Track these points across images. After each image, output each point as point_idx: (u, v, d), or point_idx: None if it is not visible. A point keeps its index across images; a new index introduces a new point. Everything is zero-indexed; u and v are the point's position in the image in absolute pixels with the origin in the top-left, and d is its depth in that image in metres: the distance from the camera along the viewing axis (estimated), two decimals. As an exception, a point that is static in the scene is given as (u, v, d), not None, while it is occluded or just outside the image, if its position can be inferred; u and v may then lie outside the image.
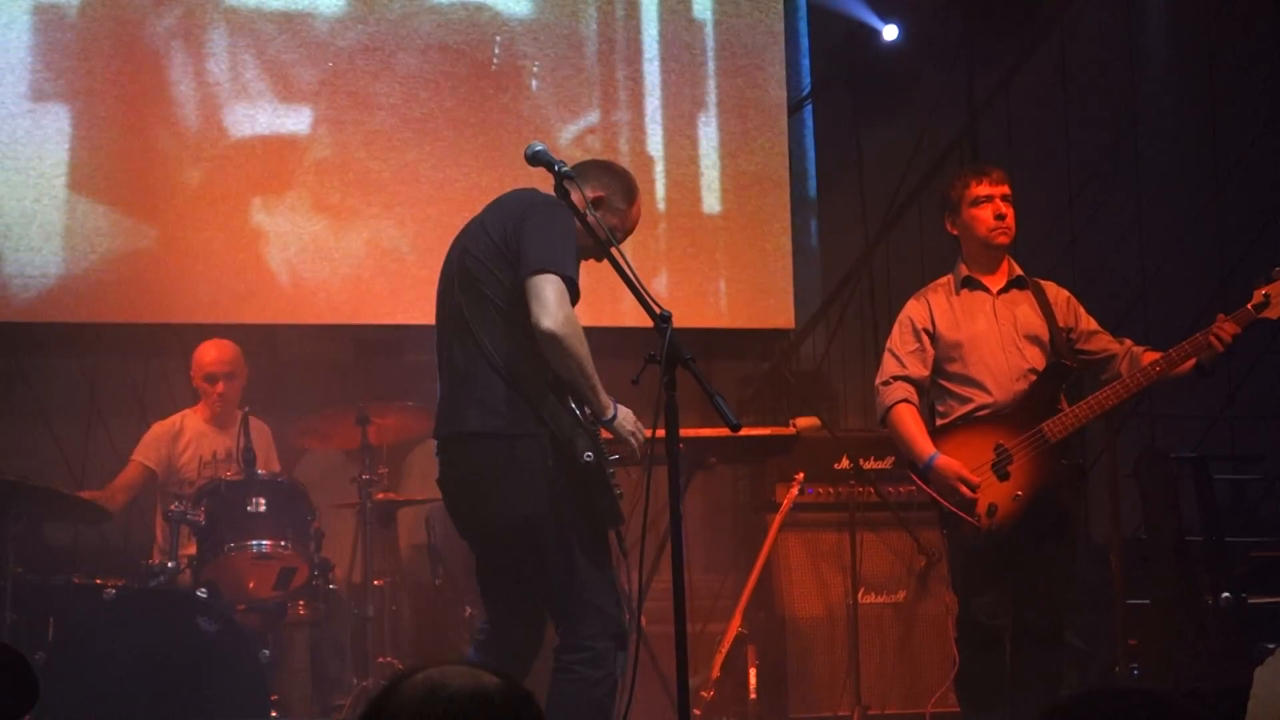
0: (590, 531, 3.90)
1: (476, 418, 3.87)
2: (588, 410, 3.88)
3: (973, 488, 4.44)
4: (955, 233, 4.68)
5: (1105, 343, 4.64)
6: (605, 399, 3.87)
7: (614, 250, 3.69)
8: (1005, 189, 4.62)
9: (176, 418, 5.88)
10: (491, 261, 3.91)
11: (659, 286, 6.62)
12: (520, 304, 3.82)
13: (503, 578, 4.03)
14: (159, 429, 5.84)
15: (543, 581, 3.94)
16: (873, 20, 7.14)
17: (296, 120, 6.38)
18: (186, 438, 5.81)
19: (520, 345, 3.86)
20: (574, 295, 3.84)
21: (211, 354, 5.82)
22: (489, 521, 3.97)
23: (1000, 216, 4.59)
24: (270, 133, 6.32)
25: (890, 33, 7.14)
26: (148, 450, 5.80)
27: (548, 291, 3.76)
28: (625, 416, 3.91)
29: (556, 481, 3.84)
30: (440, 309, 4.08)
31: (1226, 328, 4.34)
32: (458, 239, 4.09)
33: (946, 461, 4.47)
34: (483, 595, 4.13)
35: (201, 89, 6.26)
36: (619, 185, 4.11)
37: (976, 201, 4.60)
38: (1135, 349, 4.57)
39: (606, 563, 3.92)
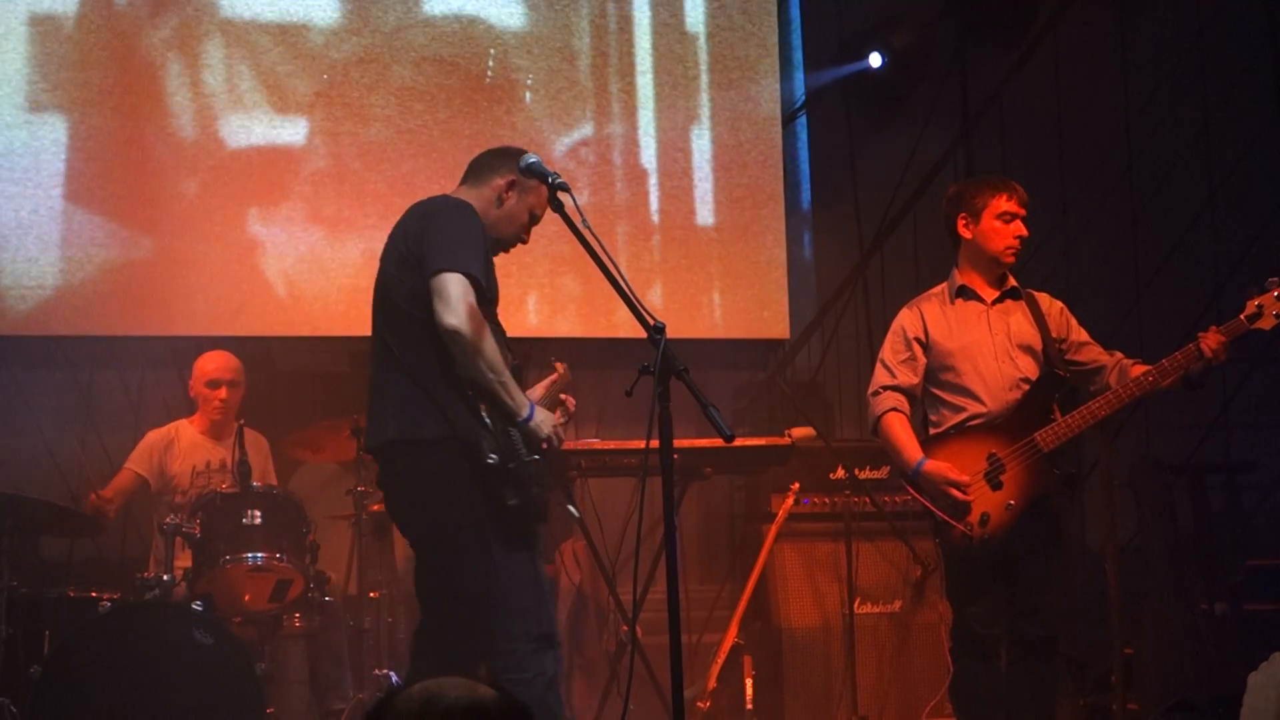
0: (508, 534, 3.88)
1: (394, 426, 3.92)
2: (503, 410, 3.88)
3: (962, 488, 4.45)
4: (967, 235, 4.68)
5: (1095, 354, 4.65)
6: (518, 399, 3.87)
7: (608, 262, 3.66)
8: (1024, 212, 4.65)
9: (171, 427, 5.89)
10: (399, 269, 3.96)
11: (653, 298, 6.63)
12: (426, 307, 3.85)
13: (432, 579, 4.07)
14: (152, 437, 5.85)
15: (463, 585, 3.95)
16: (859, 65, 7.15)
17: (292, 132, 6.39)
18: (180, 447, 5.82)
19: (429, 349, 3.89)
20: (481, 293, 3.85)
21: (215, 361, 5.85)
22: (411, 528, 4.08)
23: (1019, 237, 4.63)
24: (266, 144, 6.34)
25: (875, 60, 7.13)
26: (140, 458, 5.81)
27: (449, 289, 3.79)
28: (541, 420, 3.91)
29: (469, 485, 3.84)
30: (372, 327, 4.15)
31: (1213, 337, 4.36)
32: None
33: (934, 465, 4.49)
34: (418, 597, 4.17)
35: (197, 100, 6.27)
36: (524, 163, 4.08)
37: (1002, 216, 4.62)
38: (1125, 361, 4.58)
39: (528, 564, 3.91)
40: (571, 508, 4.11)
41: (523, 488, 3.84)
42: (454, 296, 3.77)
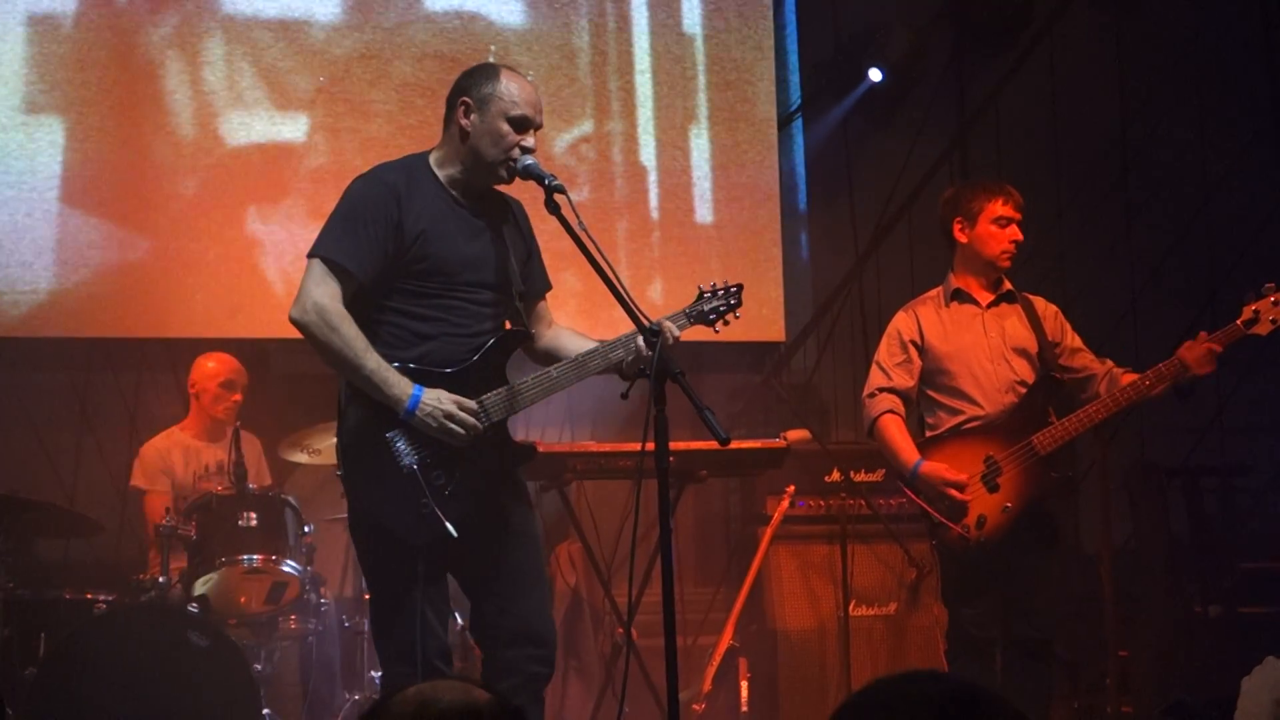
0: (381, 550, 3.63)
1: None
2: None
3: (959, 488, 4.46)
4: (963, 239, 4.69)
5: (1087, 361, 4.67)
6: (393, 392, 3.52)
7: (604, 265, 3.59)
8: (1020, 216, 4.66)
9: (162, 437, 5.85)
10: None
11: (653, 294, 6.63)
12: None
13: None
14: (152, 454, 5.78)
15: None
16: (863, 86, 7.14)
17: (293, 128, 6.39)
18: (178, 454, 5.79)
19: None
20: (351, 279, 3.58)
21: (228, 363, 5.82)
22: None
23: (1014, 242, 4.64)
24: (266, 141, 6.34)
25: (875, 75, 7.12)
26: (147, 471, 5.74)
27: (303, 278, 3.61)
28: (430, 410, 3.53)
29: (350, 490, 3.67)
30: None
31: (1197, 349, 4.37)
32: None
33: (931, 467, 4.50)
34: None
35: (197, 98, 6.27)
36: (470, 81, 3.76)
37: (998, 220, 4.63)
38: (1115, 370, 4.61)
39: (401, 583, 3.59)
40: (450, 526, 3.52)
41: (396, 502, 3.54)
42: (302, 285, 3.60)
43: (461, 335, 3.70)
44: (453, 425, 3.55)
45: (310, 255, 3.64)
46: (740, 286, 3.95)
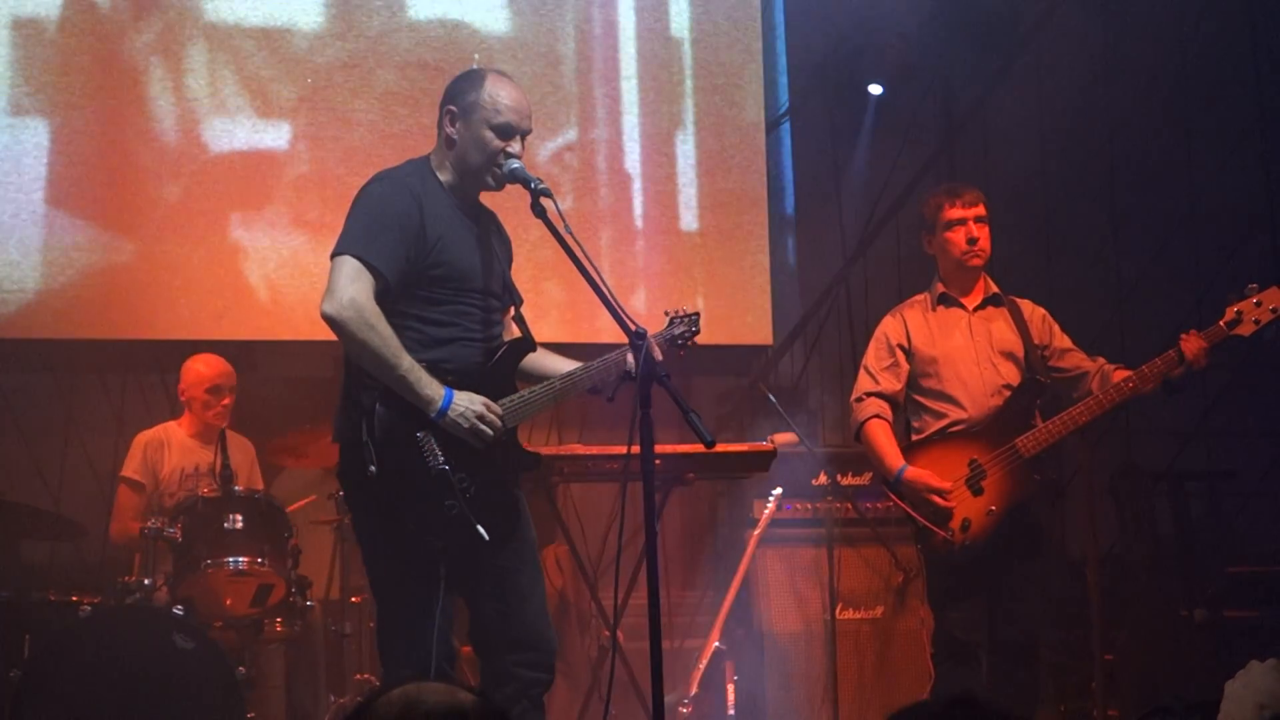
0: (402, 551, 3.60)
1: (335, 425, 3.76)
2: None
3: (943, 495, 4.46)
4: (931, 252, 4.73)
5: (1078, 360, 4.68)
6: (426, 392, 3.55)
7: (590, 268, 3.58)
8: (979, 210, 4.65)
9: (159, 429, 5.82)
10: None
11: (637, 303, 6.63)
12: None
13: None
14: (144, 440, 5.76)
15: (373, 591, 3.84)
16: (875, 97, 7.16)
17: (275, 136, 6.38)
18: (170, 449, 5.76)
19: None
20: (381, 279, 3.59)
21: (215, 367, 5.77)
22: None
23: (972, 240, 4.63)
24: (249, 148, 6.33)
25: (875, 90, 7.12)
26: (136, 465, 5.70)
27: (333, 275, 3.60)
28: (462, 411, 3.57)
29: (369, 493, 3.60)
30: None
31: (1194, 341, 4.39)
32: None
33: (916, 473, 4.51)
34: None
35: (180, 104, 6.27)
36: (456, 89, 3.83)
37: (950, 225, 4.64)
38: (1107, 367, 4.61)
39: (422, 585, 3.58)
40: (481, 529, 3.54)
41: (423, 502, 3.54)
42: (335, 282, 3.58)
43: (474, 340, 3.74)
44: (483, 427, 3.59)
45: (338, 254, 3.64)
46: (698, 314, 4.03)
